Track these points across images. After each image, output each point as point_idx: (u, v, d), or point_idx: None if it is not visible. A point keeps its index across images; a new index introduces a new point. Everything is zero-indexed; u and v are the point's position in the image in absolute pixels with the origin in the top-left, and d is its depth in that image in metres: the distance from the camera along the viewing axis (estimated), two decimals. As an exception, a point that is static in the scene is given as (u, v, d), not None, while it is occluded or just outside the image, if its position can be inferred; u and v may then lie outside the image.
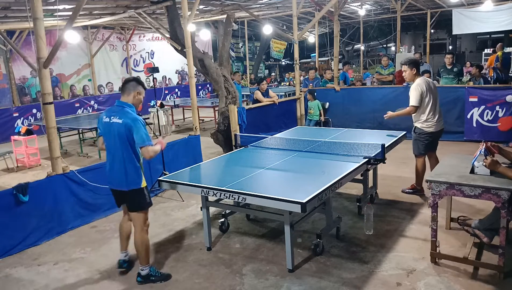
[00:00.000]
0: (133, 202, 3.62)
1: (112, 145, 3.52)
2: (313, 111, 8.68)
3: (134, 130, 3.39)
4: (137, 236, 3.63)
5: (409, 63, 5.16)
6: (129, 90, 3.55)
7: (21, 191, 4.38)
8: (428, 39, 14.55)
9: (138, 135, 3.39)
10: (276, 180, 4.03)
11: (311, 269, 3.74)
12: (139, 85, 3.60)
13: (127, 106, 3.52)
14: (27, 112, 11.63)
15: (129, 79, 3.63)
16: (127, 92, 3.55)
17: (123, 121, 3.41)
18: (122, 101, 3.55)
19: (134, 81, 3.59)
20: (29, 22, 4.53)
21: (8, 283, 3.84)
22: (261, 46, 21.14)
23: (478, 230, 3.79)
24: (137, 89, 3.56)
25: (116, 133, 3.44)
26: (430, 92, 5.02)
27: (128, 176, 3.51)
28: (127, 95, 3.56)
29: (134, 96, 3.56)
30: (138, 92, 3.57)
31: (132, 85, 3.56)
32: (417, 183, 5.41)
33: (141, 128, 3.41)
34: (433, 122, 5.06)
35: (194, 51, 7.01)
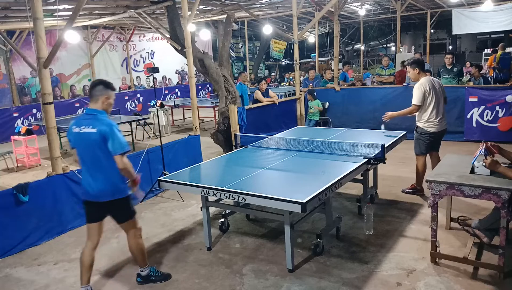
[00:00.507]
0: (121, 212, 3.44)
1: (89, 155, 3.27)
2: (313, 110, 8.68)
3: (109, 137, 3.16)
4: (131, 242, 3.53)
5: (411, 63, 5.17)
6: (96, 96, 3.28)
7: (21, 191, 4.38)
8: (428, 39, 14.56)
9: (113, 141, 3.16)
10: (276, 180, 4.03)
11: (311, 269, 3.74)
12: (107, 88, 3.32)
13: (98, 113, 3.26)
14: (27, 112, 11.63)
15: (95, 82, 3.35)
16: (95, 99, 3.28)
17: (97, 129, 3.17)
18: (92, 109, 3.29)
19: (101, 85, 3.31)
20: (29, 22, 4.53)
21: (8, 283, 3.84)
22: (261, 46, 21.15)
23: (478, 230, 3.79)
24: (105, 93, 3.29)
25: (92, 143, 3.20)
26: (433, 91, 5.00)
27: (114, 185, 3.30)
28: (95, 102, 3.28)
29: (103, 102, 3.29)
30: (107, 97, 3.30)
31: (99, 90, 3.28)
32: (417, 183, 5.40)
33: (117, 135, 3.19)
34: (435, 122, 5.05)
35: (194, 51, 7.01)
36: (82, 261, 3.43)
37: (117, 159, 3.19)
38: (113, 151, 3.17)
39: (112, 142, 3.16)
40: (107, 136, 3.16)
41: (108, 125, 3.19)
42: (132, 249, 3.56)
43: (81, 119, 3.31)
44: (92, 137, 3.19)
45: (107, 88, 3.32)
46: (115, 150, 3.17)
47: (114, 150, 3.17)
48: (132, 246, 3.55)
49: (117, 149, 3.17)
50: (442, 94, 5.16)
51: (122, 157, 3.20)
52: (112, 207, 3.37)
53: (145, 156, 5.84)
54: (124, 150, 3.20)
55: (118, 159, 3.19)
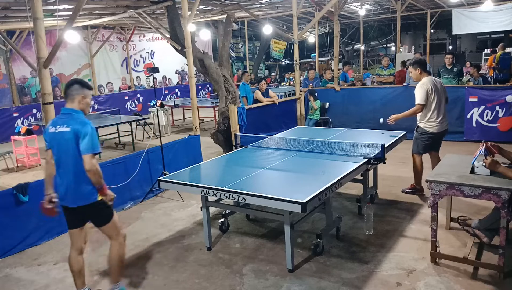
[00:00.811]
0: (97, 216, 3.28)
1: (63, 156, 3.14)
2: (313, 111, 8.68)
3: (81, 136, 3.04)
4: (113, 250, 3.31)
5: (412, 64, 5.19)
6: (72, 95, 3.18)
7: (21, 191, 4.38)
8: (428, 39, 14.57)
9: (84, 140, 3.03)
10: (276, 180, 4.03)
11: (311, 269, 3.74)
12: (84, 87, 3.22)
13: (74, 112, 3.16)
14: (27, 112, 11.63)
15: (71, 82, 3.25)
16: (71, 98, 3.18)
17: (71, 128, 3.06)
18: (68, 108, 3.18)
19: (77, 84, 3.21)
20: (29, 22, 4.53)
21: (8, 283, 3.84)
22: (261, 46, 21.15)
23: (478, 230, 3.79)
24: (81, 92, 3.18)
25: (66, 142, 3.07)
26: (435, 91, 5.00)
27: (84, 189, 3.12)
28: (71, 102, 3.18)
29: (80, 101, 3.18)
30: (83, 96, 3.19)
31: (75, 89, 3.18)
32: (416, 182, 5.41)
33: (90, 134, 3.06)
34: (436, 123, 5.05)
35: (194, 51, 7.01)
36: (71, 268, 3.36)
37: (85, 158, 3.04)
38: (82, 150, 3.04)
39: (83, 141, 3.03)
40: (80, 134, 3.04)
41: (82, 124, 3.08)
42: (113, 258, 3.32)
43: (57, 119, 3.21)
44: (66, 136, 3.07)
45: (83, 88, 3.22)
46: (84, 149, 3.04)
47: (83, 149, 3.04)
48: (114, 255, 3.31)
49: (87, 148, 3.04)
50: (443, 94, 5.16)
51: (92, 158, 3.05)
52: (88, 212, 3.23)
53: (145, 156, 5.84)
54: (94, 151, 3.06)
55: (86, 158, 3.03)
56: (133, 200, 5.73)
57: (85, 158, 3.03)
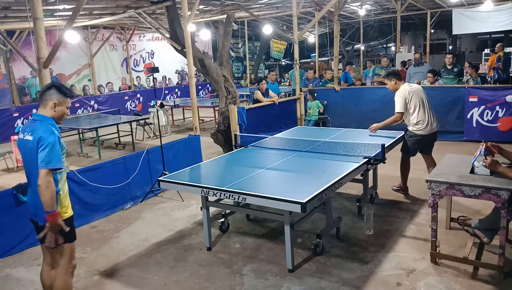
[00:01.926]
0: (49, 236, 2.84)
1: (28, 168, 2.89)
2: (312, 111, 8.67)
3: (41, 147, 2.71)
4: (58, 279, 2.93)
5: (387, 76, 5.38)
6: (45, 100, 2.86)
7: (21, 191, 4.37)
8: (428, 39, 14.55)
9: (43, 152, 2.70)
10: (276, 180, 4.03)
11: (311, 269, 3.74)
12: (59, 93, 2.87)
13: (44, 119, 2.84)
14: (27, 112, 11.61)
15: (48, 86, 2.92)
16: (43, 103, 2.87)
17: (34, 136, 2.76)
18: (38, 114, 2.88)
19: (52, 89, 2.87)
20: (29, 22, 4.53)
21: (8, 283, 3.84)
22: (261, 46, 21.13)
23: (478, 230, 3.78)
24: (54, 99, 2.85)
25: (29, 152, 2.80)
26: (415, 97, 5.10)
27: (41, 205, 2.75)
28: (43, 107, 2.87)
29: (51, 108, 2.85)
30: (56, 103, 2.85)
31: (49, 94, 2.85)
32: (401, 182, 5.54)
33: (50, 146, 2.72)
34: (424, 125, 5.12)
35: (194, 51, 7.01)
36: (42, 282, 3.11)
37: (40, 172, 2.69)
38: (38, 163, 2.70)
39: (42, 153, 2.70)
40: (40, 144, 2.72)
41: (46, 133, 2.75)
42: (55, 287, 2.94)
43: (25, 125, 2.96)
44: (29, 145, 2.79)
45: (60, 93, 2.87)
46: (40, 162, 2.70)
47: (39, 161, 2.70)
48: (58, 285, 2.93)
49: (42, 161, 2.69)
50: (426, 97, 5.21)
51: (47, 174, 2.69)
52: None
53: (145, 156, 5.84)
54: (50, 166, 2.70)
55: (41, 173, 2.68)
56: (133, 200, 5.73)
57: (40, 172, 2.69)
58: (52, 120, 2.88)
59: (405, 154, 5.38)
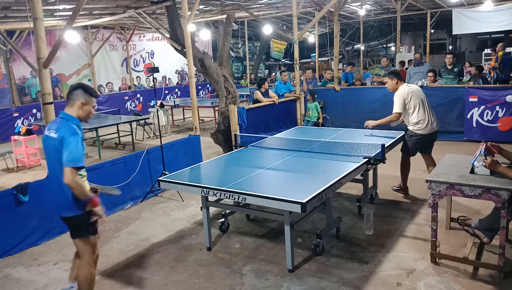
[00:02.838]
0: (71, 229, 3.13)
1: (50, 163, 3.06)
2: (311, 112, 8.67)
3: (65, 146, 2.86)
4: (81, 269, 3.12)
5: (388, 74, 5.39)
6: (72, 100, 3.03)
7: (21, 191, 4.38)
8: (428, 39, 14.55)
9: (66, 152, 2.85)
10: (276, 180, 4.03)
11: (311, 269, 3.74)
12: (86, 93, 3.04)
13: (70, 119, 3.01)
14: (27, 112, 11.63)
15: (75, 86, 3.09)
16: (71, 103, 3.04)
17: (58, 135, 2.91)
18: (66, 113, 3.04)
19: (79, 89, 3.05)
20: (29, 22, 4.53)
21: (8, 283, 3.84)
22: (261, 46, 21.14)
23: (478, 230, 3.78)
24: (81, 98, 3.02)
25: (52, 149, 2.95)
26: (415, 97, 5.12)
27: (65, 201, 2.98)
28: (70, 106, 3.04)
29: (79, 107, 3.03)
30: (83, 103, 3.03)
31: (76, 94, 3.02)
32: (401, 182, 5.54)
33: (74, 146, 2.87)
34: (424, 125, 5.13)
35: (194, 51, 7.01)
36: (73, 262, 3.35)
37: (65, 171, 2.85)
38: (63, 161, 2.86)
39: (65, 151, 2.86)
40: (64, 143, 2.87)
41: (70, 133, 2.91)
42: (80, 278, 3.10)
43: (52, 122, 3.12)
44: (52, 142, 2.95)
45: (86, 93, 3.04)
46: (64, 161, 2.85)
47: (64, 160, 2.85)
48: (80, 274, 3.10)
49: (66, 160, 2.85)
50: (425, 97, 5.24)
51: (72, 172, 2.85)
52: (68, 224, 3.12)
53: (145, 156, 5.84)
54: (73, 164, 2.85)
55: (67, 171, 2.84)
56: (133, 200, 5.73)
57: (65, 171, 2.85)
58: (77, 120, 3.05)
59: (405, 154, 5.39)
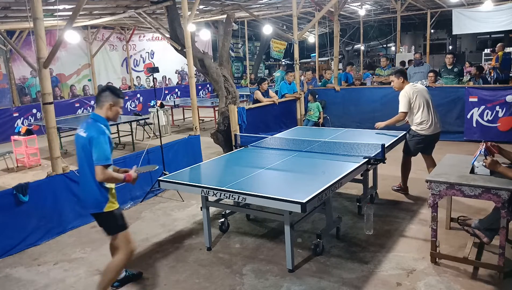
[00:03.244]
0: (104, 226, 3.33)
1: (79, 160, 3.23)
2: (312, 112, 8.67)
3: (94, 145, 3.05)
4: (115, 259, 3.28)
5: (395, 73, 5.39)
6: (101, 101, 3.21)
7: (21, 191, 4.38)
8: (428, 39, 14.55)
9: (96, 151, 3.05)
10: (276, 180, 4.03)
11: (311, 269, 3.74)
12: (113, 95, 3.22)
13: (99, 119, 3.20)
14: (27, 112, 11.63)
15: (103, 88, 3.27)
16: (100, 104, 3.22)
17: (87, 134, 3.10)
18: (96, 114, 3.23)
19: (107, 91, 3.23)
20: (29, 22, 4.53)
21: (8, 283, 3.84)
22: (261, 46, 21.13)
23: (478, 230, 3.78)
24: (110, 100, 3.20)
25: (81, 147, 3.14)
26: (420, 97, 5.12)
27: (90, 198, 3.18)
28: (99, 108, 3.22)
29: (108, 108, 3.20)
30: (112, 104, 3.20)
31: (105, 96, 3.20)
32: (401, 182, 5.54)
33: (102, 145, 3.06)
34: (427, 125, 5.13)
35: (194, 51, 7.01)
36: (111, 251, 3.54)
37: (97, 169, 3.05)
38: (94, 160, 3.06)
39: (95, 151, 3.05)
40: (93, 143, 3.05)
41: (98, 133, 3.09)
42: (110, 266, 3.26)
43: (83, 121, 3.29)
44: (81, 141, 3.13)
45: (113, 95, 3.22)
46: (95, 159, 3.05)
47: (94, 158, 3.05)
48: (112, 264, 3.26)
49: (96, 159, 3.04)
50: (430, 97, 5.24)
51: (103, 169, 3.06)
52: (98, 219, 3.32)
53: (145, 156, 5.84)
54: (103, 162, 3.05)
55: (98, 170, 3.05)
56: (133, 200, 5.73)
57: (96, 169, 3.06)
58: (106, 121, 3.23)
59: (406, 154, 5.38)
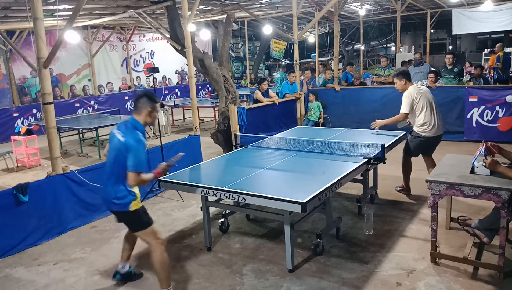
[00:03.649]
0: (129, 224, 3.45)
1: (110, 159, 3.31)
2: (313, 112, 8.67)
3: (130, 152, 3.13)
4: (153, 256, 3.34)
5: (397, 75, 5.38)
6: (139, 108, 3.28)
7: (21, 191, 4.38)
8: (428, 39, 14.55)
9: (132, 158, 3.12)
10: (276, 180, 4.03)
11: (311, 269, 3.74)
12: (151, 101, 3.28)
13: (138, 126, 3.27)
14: (27, 112, 11.63)
15: (140, 94, 3.34)
16: (138, 110, 3.28)
17: (125, 140, 3.17)
18: (135, 119, 3.29)
19: (145, 97, 3.28)
20: (29, 22, 4.53)
21: (8, 283, 3.84)
22: (261, 46, 21.13)
23: (478, 230, 3.78)
24: (148, 106, 3.26)
25: (115, 149, 3.22)
26: (423, 99, 5.10)
27: (114, 197, 3.26)
28: (137, 114, 3.29)
29: (146, 114, 3.28)
30: (150, 110, 3.27)
31: (143, 102, 3.26)
32: (404, 182, 5.53)
33: (139, 153, 3.15)
34: (430, 127, 5.12)
35: (194, 51, 7.01)
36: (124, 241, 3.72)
37: (130, 175, 3.14)
38: (128, 166, 3.13)
39: (131, 157, 3.12)
40: (130, 150, 3.12)
41: (135, 141, 3.16)
42: (154, 264, 3.35)
43: (123, 124, 3.33)
44: (117, 143, 3.22)
45: (151, 101, 3.28)
46: (129, 165, 3.13)
47: (128, 165, 3.13)
48: (154, 261, 3.33)
49: (131, 165, 3.12)
50: (433, 99, 5.23)
51: (135, 175, 3.13)
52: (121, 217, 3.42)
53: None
54: (139, 170, 3.14)
55: (132, 176, 3.13)
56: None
57: (129, 174, 3.14)
58: (143, 127, 3.31)
59: (406, 155, 5.38)
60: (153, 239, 3.35)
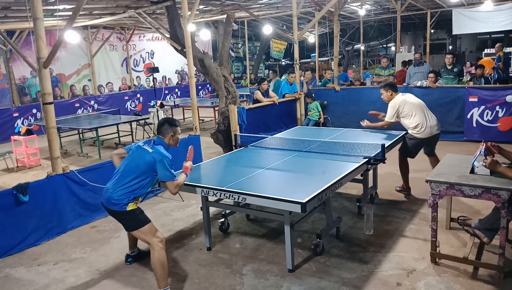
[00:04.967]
0: (124, 223, 3.61)
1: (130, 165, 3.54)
2: (313, 112, 8.68)
3: (159, 166, 3.45)
4: (152, 257, 3.43)
5: (383, 86, 5.52)
6: (163, 133, 3.69)
7: (21, 191, 4.38)
8: (428, 39, 14.54)
9: (163, 172, 3.45)
10: (276, 180, 4.03)
11: (311, 269, 3.74)
12: (172, 126, 3.71)
13: (163, 144, 3.65)
14: (27, 112, 11.62)
15: (161, 122, 3.75)
16: (163, 134, 3.70)
17: (154, 152, 3.49)
18: (162, 139, 3.68)
19: (166, 124, 3.70)
20: (29, 22, 4.53)
21: (8, 283, 3.84)
22: (261, 46, 21.13)
23: (478, 230, 3.78)
24: (170, 131, 3.68)
25: (140, 157, 3.50)
26: (408, 106, 5.20)
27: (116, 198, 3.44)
28: (163, 136, 3.70)
29: (170, 138, 3.70)
30: (172, 134, 3.70)
31: (165, 129, 3.69)
32: (403, 182, 5.56)
33: (167, 166, 3.46)
34: (423, 129, 5.16)
35: (194, 51, 7.01)
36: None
37: (169, 185, 3.47)
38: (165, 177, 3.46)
39: (163, 171, 3.44)
40: (157, 164, 3.44)
41: (163, 156, 3.47)
42: (152, 263, 3.43)
43: (148, 141, 3.72)
44: (145, 155, 3.50)
45: (172, 126, 3.70)
46: (164, 177, 3.46)
47: (164, 177, 3.46)
48: (153, 259, 3.42)
49: (167, 176, 3.45)
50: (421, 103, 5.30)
51: (172, 183, 3.45)
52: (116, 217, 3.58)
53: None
54: (174, 178, 3.48)
55: (171, 185, 3.46)
56: (133, 200, 5.72)
57: (168, 185, 3.48)
58: (167, 146, 3.70)
59: (402, 156, 5.42)
60: (151, 237, 3.46)
